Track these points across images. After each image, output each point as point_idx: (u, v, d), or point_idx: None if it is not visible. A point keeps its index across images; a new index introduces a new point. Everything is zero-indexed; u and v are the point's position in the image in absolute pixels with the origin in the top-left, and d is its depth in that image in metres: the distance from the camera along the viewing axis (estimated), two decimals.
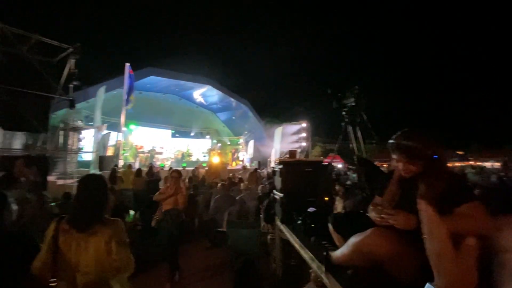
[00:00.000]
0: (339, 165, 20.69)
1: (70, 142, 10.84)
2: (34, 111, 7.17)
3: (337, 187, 5.00)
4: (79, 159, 12.70)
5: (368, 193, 2.20)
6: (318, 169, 3.02)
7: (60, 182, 7.91)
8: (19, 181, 3.98)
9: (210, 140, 20.66)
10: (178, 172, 3.73)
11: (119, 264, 1.48)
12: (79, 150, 11.59)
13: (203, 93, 16.69)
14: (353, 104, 2.24)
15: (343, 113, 2.45)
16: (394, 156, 1.35)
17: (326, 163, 3.39)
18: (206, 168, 11.49)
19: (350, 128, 2.39)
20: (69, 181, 8.19)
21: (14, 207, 1.58)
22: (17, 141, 8.85)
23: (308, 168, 2.95)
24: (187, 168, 12.20)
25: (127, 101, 10.25)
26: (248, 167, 11.37)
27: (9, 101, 6.67)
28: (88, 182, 1.60)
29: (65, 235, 1.45)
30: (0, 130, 7.65)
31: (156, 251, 3.97)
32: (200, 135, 20.50)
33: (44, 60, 7.60)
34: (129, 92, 10.19)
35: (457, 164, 19.39)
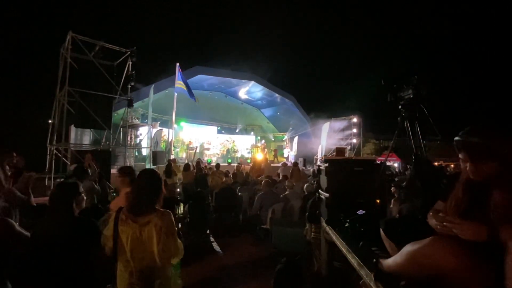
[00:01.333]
0: (395, 164, 19.24)
1: (128, 138, 12.11)
2: (100, 111, 8.17)
3: (392, 189, 4.67)
4: (136, 154, 14.16)
5: (427, 196, 1.99)
6: (369, 168, 2.85)
7: None
8: (88, 172, 4.57)
9: (254, 136, 21.01)
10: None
11: (168, 254, 1.63)
12: (136, 145, 12.89)
13: (248, 89, 17.02)
14: (411, 96, 2.04)
15: (400, 107, 2.25)
16: (460, 156, 1.19)
17: (379, 162, 3.17)
18: (251, 164, 11.72)
19: (407, 124, 2.18)
20: None
21: (84, 196, 1.82)
22: (86, 137, 10.21)
23: (357, 167, 2.80)
24: (232, 164, 12.64)
25: (192, 96, 10.84)
26: (289, 164, 11.27)
27: (80, 102, 7.70)
28: (144, 176, 1.76)
29: (123, 224, 1.62)
30: (73, 128, 8.89)
31: (204, 242, 4.20)
32: (245, 131, 21.00)
33: (107, 64, 8.57)
34: (189, 88, 10.78)
35: None
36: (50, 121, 8.86)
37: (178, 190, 7.40)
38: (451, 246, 1.08)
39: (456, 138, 1.18)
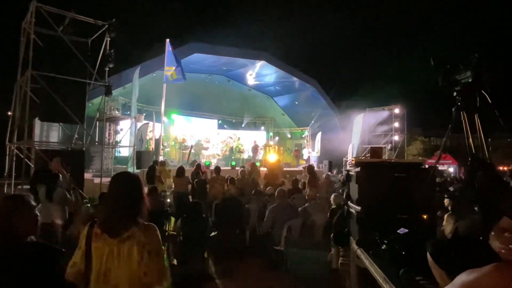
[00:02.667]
0: (451, 169, 18.95)
1: (106, 134, 12.34)
2: (71, 100, 8.32)
3: (445, 201, 4.60)
4: (116, 154, 14.42)
5: (490, 211, 1.96)
6: (414, 174, 2.82)
7: (97, 180, 9.08)
8: (58, 177, 4.70)
9: (266, 132, 21.05)
10: None
11: (150, 278, 1.64)
12: (116, 144, 13.13)
13: (258, 71, 17.04)
14: (470, 80, 1.98)
15: (454, 93, 2.20)
16: None
17: (428, 166, 3.13)
18: (262, 169, 11.76)
19: (464, 116, 2.13)
20: (106, 180, 9.36)
21: (37, 213, 1.77)
22: (54, 134, 10.46)
23: (399, 172, 2.77)
24: (237, 168, 12.70)
25: (182, 74, 10.87)
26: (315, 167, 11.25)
27: (47, 89, 7.87)
28: (120, 182, 1.80)
29: (98, 240, 1.66)
30: (38, 122, 9.11)
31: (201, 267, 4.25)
32: (253, 126, 21.11)
33: (79, 41, 8.73)
34: (180, 66, 10.83)
35: None
36: (9, 113, 9.10)
37: (169, 200, 7.51)
38: None
39: None
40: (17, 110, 8.37)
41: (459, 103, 2.46)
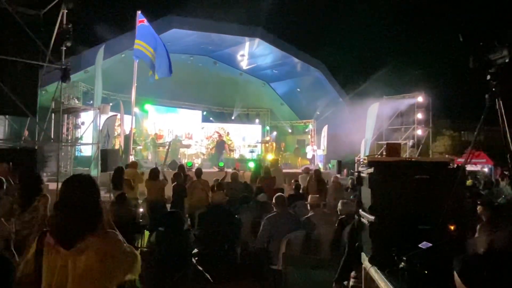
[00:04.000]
0: (485, 169, 19.14)
1: (64, 129, 12.24)
2: (19, 87, 8.23)
3: (478, 208, 4.65)
4: (77, 153, 14.32)
5: None
6: (440, 175, 2.84)
7: (52, 186, 9.00)
8: (2, 185, 4.65)
9: (261, 126, 21.08)
10: None
11: (118, 278, 1.81)
12: (76, 141, 13.04)
13: (251, 51, 17.02)
14: (507, 60, 1.98)
15: (488, 77, 2.20)
16: None
17: (457, 166, 3.16)
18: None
19: (500, 105, 2.13)
20: None
21: None
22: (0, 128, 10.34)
23: (421, 173, 2.80)
24: (226, 170, 12.68)
25: (168, 67, 10.81)
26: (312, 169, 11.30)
27: None
28: (73, 186, 1.85)
29: (50, 252, 1.71)
30: None
31: None
32: (246, 118, 21.11)
33: (29, 14, 8.61)
34: (162, 52, 10.77)
35: None
36: None
37: (142, 210, 7.48)
38: None
39: None
40: None
41: (493, 89, 2.47)
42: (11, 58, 8.05)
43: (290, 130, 21.59)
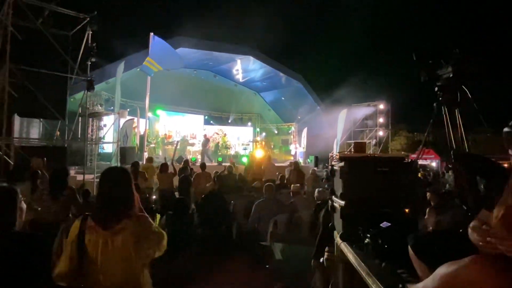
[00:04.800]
0: (433, 164, 19.34)
1: (89, 131, 12.08)
2: (51, 95, 8.11)
3: (428, 195, 4.69)
4: (99, 150, 14.15)
5: (471, 204, 2.01)
6: (397, 168, 2.85)
7: (79, 177, 8.90)
8: (38, 176, 4.59)
9: (252, 128, 21.03)
10: None
11: (150, 257, 1.81)
12: (99, 140, 12.89)
13: (244, 66, 16.96)
14: (451, 75, 2.01)
15: (436, 88, 2.23)
16: (511, 152, 1.20)
17: (411, 160, 3.18)
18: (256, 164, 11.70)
19: (445, 111, 2.16)
20: (89, 177, 9.18)
21: (24, 206, 1.83)
22: (34, 130, 10.18)
23: (382, 167, 2.80)
24: (224, 164, 12.63)
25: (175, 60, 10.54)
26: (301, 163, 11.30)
27: (25, 84, 7.63)
28: (111, 176, 1.86)
29: (91, 233, 1.70)
30: (17, 117, 8.84)
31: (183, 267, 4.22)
32: (240, 121, 21.02)
33: (60, 34, 8.49)
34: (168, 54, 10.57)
35: None
36: None
37: (154, 197, 7.43)
38: (496, 268, 1.08)
39: (506, 129, 1.18)
40: None
41: (440, 98, 2.50)
42: (45, 71, 7.94)
43: (276, 132, 21.55)
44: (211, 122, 20.06)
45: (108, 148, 13.85)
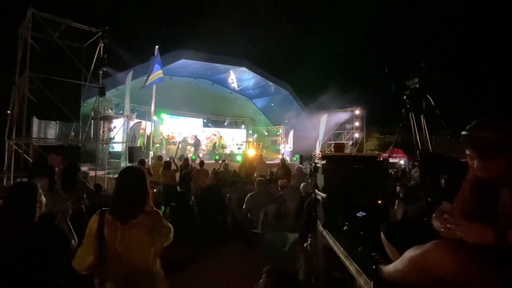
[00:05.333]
0: (402, 162, 19.57)
1: (100, 132, 11.90)
2: (66, 100, 7.99)
3: (397, 189, 4.75)
4: (110, 149, 13.96)
5: (434, 197, 2.04)
6: (371, 166, 2.89)
7: (92, 173, 8.76)
8: (55, 172, 4.49)
9: (245, 130, 20.98)
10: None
11: (160, 248, 1.78)
12: (109, 140, 12.72)
13: (238, 76, 16.92)
14: (417, 86, 2.06)
15: (404, 97, 2.28)
16: (468, 152, 1.22)
17: (382, 159, 3.22)
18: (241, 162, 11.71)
19: (412, 116, 2.21)
20: (100, 172, 9.05)
21: (44, 199, 1.79)
22: (51, 131, 10.00)
23: (358, 164, 2.83)
24: (220, 162, 12.58)
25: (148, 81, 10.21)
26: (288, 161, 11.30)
27: (44, 90, 7.51)
28: (128, 175, 1.84)
29: (110, 226, 1.68)
30: (35, 120, 8.68)
31: (185, 252, 4.19)
32: (235, 124, 20.95)
33: (75, 46, 8.36)
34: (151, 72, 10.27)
35: None
36: (8, 112, 8.62)
37: (155, 190, 7.36)
38: (455, 250, 1.11)
39: (463, 132, 1.20)
40: (15, 109, 7.94)
41: (408, 106, 2.54)
42: (61, 79, 7.82)
43: (266, 133, 21.55)
44: (209, 124, 19.96)
45: (118, 147, 13.66)
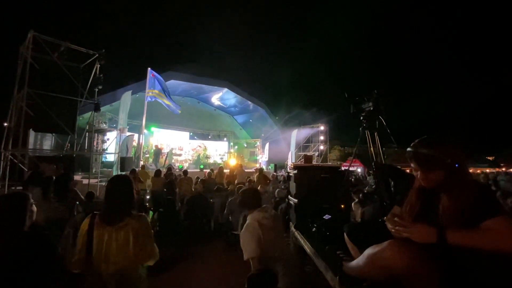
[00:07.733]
0: (359, 170, 20.21)
1: (94, 143, 11.36)
2: (63, 114, 7.57)
3: (354, 194, 4.88)
4: (103, 159, 13.32)
5: (388, 201, 2.11)
6: (334, 175, 2.96)
7: (85, 181, 8.29)
8: (51, 181, 4.20)
9: (227, 142, 20.86)
10: None
11: (144, 255, 1.68)
12: (102, 151, 12.16)
13: (221, 96, 16.95)
14: (371, 108, 2.16)
15: (361, 117, 2.38)
16: (412, 165, 1.29)
17: (344, 169, 3.31)
18: (226, 171, 11.54)
19: (368, 133, 2.31)
20: (93, 181, 8.58)
21: (35, 208, 1.64)
22: (47, 142, 9.42)
23: (324, 173, 2.89)
24: (205, 170, 12.38)
25: (174, 104, 10.49)
26: (263, 169, 11.29)
27: (41, 105, 7.09)
28: (116, 182, 1.77)
29: (99, 228, 1.61)
30: (32, 132, 8.14)
31: (172, 252, 4.03)
32: (218, 137, 20.77)
33: (72, 66, 8.02)
34: (168, 94, 10.44)
35: (487, 170, 18.22)
36: (5, 124, 8.03)
37: (148, 197, 7.08)
38: (405, 248, 1.15)
39: (408, 149, 1.28)
40: (13, 122, 7.41)
41: (364, 124, 2.65)
42: (59, 95, 7.45)
43: (245, 145, 21.51)
44: (195, 137, 19.63)
45: (110, 157, 13.07)
